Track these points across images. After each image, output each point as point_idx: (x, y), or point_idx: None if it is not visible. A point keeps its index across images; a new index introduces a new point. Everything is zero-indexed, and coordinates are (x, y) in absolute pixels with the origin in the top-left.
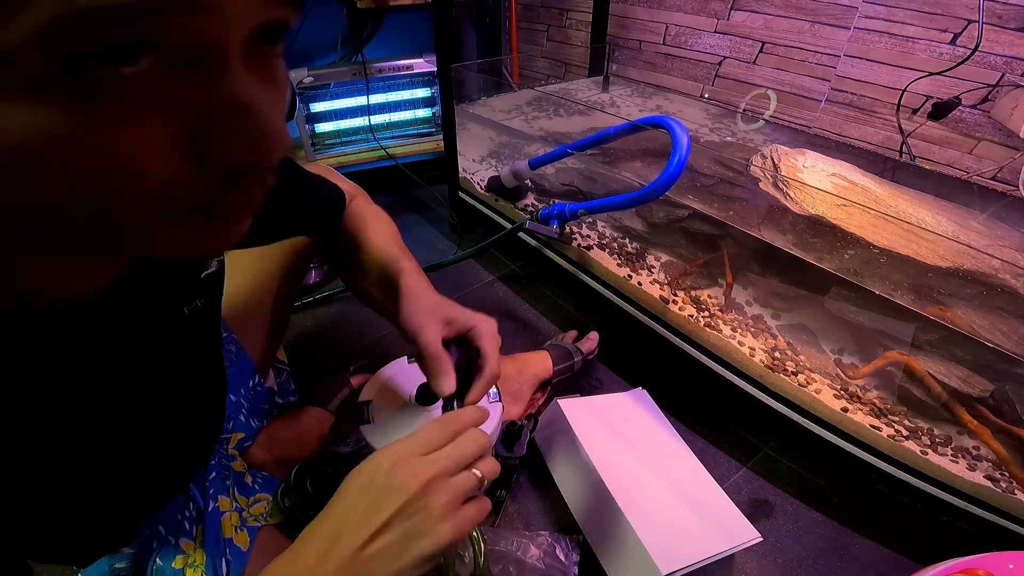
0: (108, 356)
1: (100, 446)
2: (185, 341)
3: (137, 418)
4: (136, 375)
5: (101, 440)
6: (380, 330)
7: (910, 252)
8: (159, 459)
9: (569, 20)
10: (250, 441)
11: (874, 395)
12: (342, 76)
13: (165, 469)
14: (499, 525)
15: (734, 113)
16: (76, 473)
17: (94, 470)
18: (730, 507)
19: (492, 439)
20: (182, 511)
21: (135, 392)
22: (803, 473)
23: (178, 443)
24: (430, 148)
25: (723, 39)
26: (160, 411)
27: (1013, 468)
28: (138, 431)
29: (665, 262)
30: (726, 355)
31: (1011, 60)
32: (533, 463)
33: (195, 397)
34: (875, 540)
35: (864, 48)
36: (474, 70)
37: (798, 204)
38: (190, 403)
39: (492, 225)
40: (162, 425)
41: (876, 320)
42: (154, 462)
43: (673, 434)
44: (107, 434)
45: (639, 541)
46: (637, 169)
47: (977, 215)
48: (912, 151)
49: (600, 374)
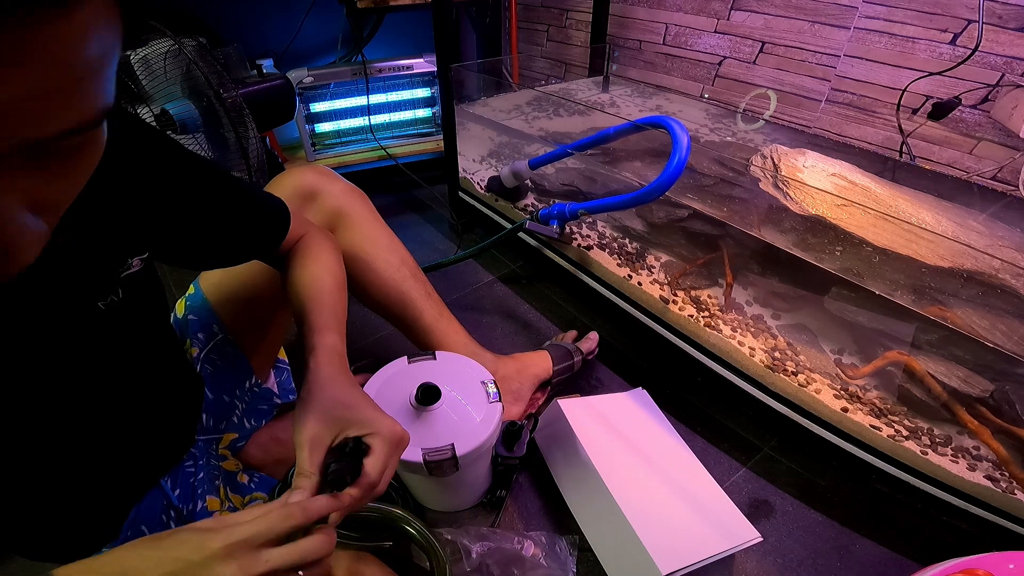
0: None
1: (40, 436)
2: (109, 334)
3: (74, 410)
4: (61, 367)
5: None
6: (380, 330)
7: (910, 252)
8: (115, 449)
9: (569, 20)
10: (244, 441)
11: (874, 395)
12: (342, 76)
13: (125, 460)
14: (499, 525)
15: (734, 113)
16: (21, 466)
17: (41, 460)
18: (730, 507)
19: (492, 439)
20: (166, 511)
21: (65, 383)
22: (803, 473)
23: (131, 435)
24: (430, 148)
25: (723, 39)
26: (101, 402)
27: (1013, 468)
28: (80, 422)
29: (665, 262)
30: (726, 355)
31: (1011, 60)
32: (533, 463)
33: (144, 390)
34: (875, 540)
35: (864, 48)
36: (474, 70)
37: (798, 204)
38: (138, 396)
39: (492, 225)
40: (107, 416)
41: (876, 320)
42: (109, 452)
43: (673, 434)
44: (44, 426)
45: (639, 541)
46: (637, 169)
47: (977, 215)
48: (912, 151)
49: (600, 374)
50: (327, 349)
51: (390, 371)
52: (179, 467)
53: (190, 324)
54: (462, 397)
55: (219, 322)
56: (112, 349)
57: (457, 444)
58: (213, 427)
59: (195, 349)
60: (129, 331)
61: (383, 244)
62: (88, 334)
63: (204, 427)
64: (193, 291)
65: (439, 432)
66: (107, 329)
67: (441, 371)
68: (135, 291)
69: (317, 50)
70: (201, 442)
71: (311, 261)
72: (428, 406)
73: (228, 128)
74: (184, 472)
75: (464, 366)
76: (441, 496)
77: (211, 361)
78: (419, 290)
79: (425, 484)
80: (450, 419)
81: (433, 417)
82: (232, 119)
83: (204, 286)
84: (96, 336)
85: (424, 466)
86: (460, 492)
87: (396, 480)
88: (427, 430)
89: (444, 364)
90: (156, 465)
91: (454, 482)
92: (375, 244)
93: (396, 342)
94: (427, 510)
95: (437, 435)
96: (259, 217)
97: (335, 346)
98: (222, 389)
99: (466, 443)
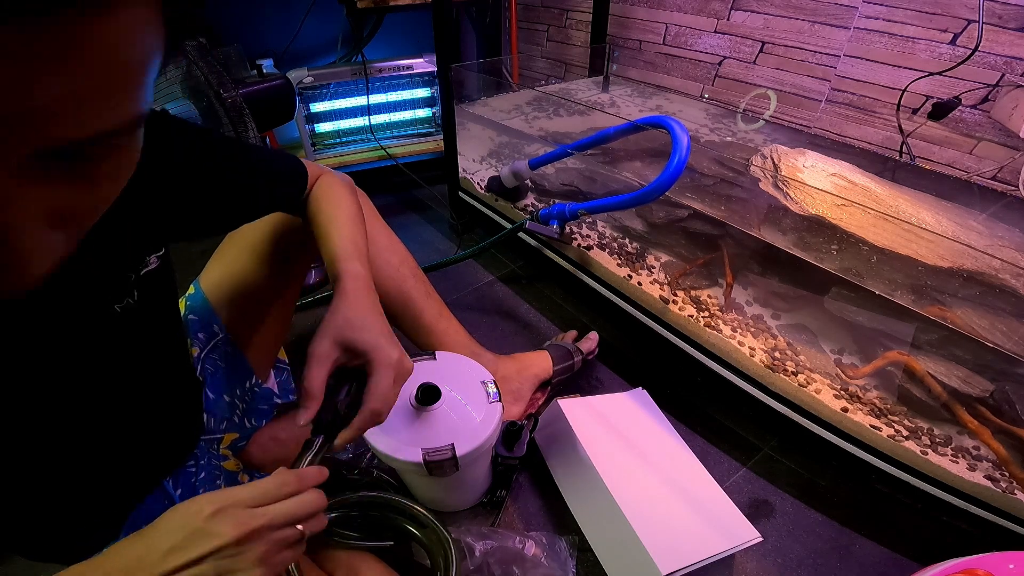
0: (37, 355)
1: (49, 440)
2: (122, 338)
3: (84, 413)
4: (73, 372)
5: (49, 434)
6: None
7: (910, 252)
8: (121, 451)
9: (569, 20)
10: (244, 441)
11: (874, 395)
12: (342, 76)
13: (131, 462)
14: (499, 525)
15: (734, 113)
16: (26, 468)
17: (48, 463)
18: (730, 507)
19: (492, 439)
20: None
21: (76, 388)
22: (803, 473)
23: (139, 436)
24: (430, 148)
25: (723, 39)
26: (110, 405)
27: (1013, 468)
28: (89, 425)
29: (665, 262)
30: (726, 355)
31: (1011, 60)
32: (533, 463)
33: (152, 392)
34: (875, 540)
35: (864, 48)
36: (474, 70)
37: (798, 204)
38: (146, 398)
39: (492, 225)
40: (116, 419)
41: (876, 320)
42: (115, 454)
43: (673, 434)
44: (54, 430)
45: (639, 541)
46: (637, 169)
47: (977, 215)
48: (912, 151)
49: (600, 374)
50: (350, 275)
51: None
52: (182, 468)
53: (190, 324)
54: (462, 397)
55: (219, 322)
56: (124, 353)
57: (457, 444)
58: (214, 427)
59: (196, 349)
60: (142, 333)
61: (383, 244)
62: (102, 339)
63: (205, 427)
64: (193, 291)
65: (439, 432)
66: (121, 333)
67: (441, 371)
68: (151, 290)
69: (317, 50)
70: (202, 442)
71: (325, 202)
72: (428, 406)
73: (228, 128)
74: (186, 473)
75: (464, 366)
76: (441, 496)
77: (212, 361)
78: (419, 290)
79: (425, 484)
80: (450, 419)
81: (433, 417)
82: (232, 119)
83: (204, 286)
84: (110, 340)
85: (424, 466)
86: (460, 492)
87: (396, 479)
88: (427, 430)
89: (444, 364)
90: (161, 466)
91: (454, 482)
92: (375, 244)
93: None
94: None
95: (437, 435)
96: (278, 172)
97: (358, 272)
98: (223, 389)
99: (466, 443)
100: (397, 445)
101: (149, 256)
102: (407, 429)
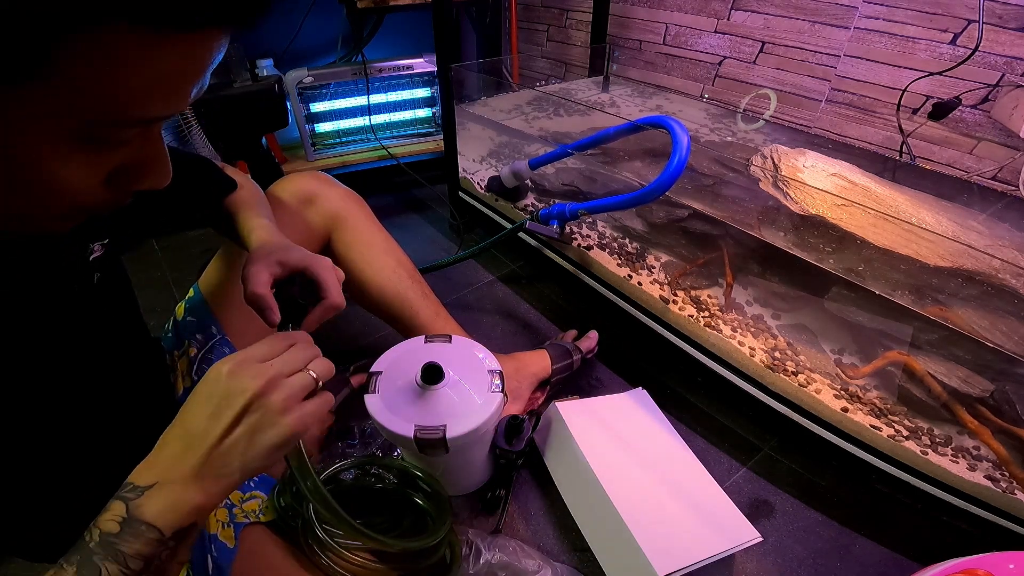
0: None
1: (38, 436)
2: (97, 307)
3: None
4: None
5: (37, 430)
6: (380, 330)
7: (910, 252)
8: (114, 450)
9: (569, 20)
10: None
11: (874, 395)
12: (342, 76)
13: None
14: (502, 526)
15: (734, 113)
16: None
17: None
18: (730, 507)
19: (486, 428)
20: None
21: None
22: (803, 473)
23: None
24: (430, 148)
25: (723, 39)
26: (98, 400)
27: (1013, 468)
28: (75, 421)
29: (665, 262)
30: (726, 355)
31: (1011, 60)
32: (533, 463)
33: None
34: (875, 540)
35: (864, 48)
36: (474, 70)
37: (798, 204)
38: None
39: (492, 225)
40: (106, 416)
41: (876, 320)
42: (108, 453)
43: (673, 434)
44: (41, 425)
45: (635, 542)
46: (637, 169)
47: (977, 215)
48: (912, 151)
49: (600, 374)
50: (261, 226)
51: (405, 347)
52: None
53: (188, 325)
54: (466, 382)
55: (217, 324)
56: (99, 321)
57: (450, 426)
58: None
59: (193, 349)
60: (109, 305)
61: (380, 246)
62: (79, 315)
63: None
64: (193, 293)
65: (436, 412)
66: (95, 310)
67: (453, 354)
68: (107, 271)
69: (317, 50)
70: None
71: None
72: (431, 385)
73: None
74: None
75: (477, 352)
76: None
77: (209, 362)
78: (416, 290)
79: (420, 461)
80: (450, 401)
81: (434, 397)
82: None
83: (203, 288)
84: (86, 319)
85: (414, 442)
86: (453, 475)
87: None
88: (425, 408)
89: (457, 348)
90: (143, 439)
91: (449, 464)
92: (372, 246)
93: (396, 342)
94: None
95: (433, 414)
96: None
97: (266, 225)
98: None
99: (459, 427)
100: (393, 418)
101: (92, 244)
102: (408, 405)
